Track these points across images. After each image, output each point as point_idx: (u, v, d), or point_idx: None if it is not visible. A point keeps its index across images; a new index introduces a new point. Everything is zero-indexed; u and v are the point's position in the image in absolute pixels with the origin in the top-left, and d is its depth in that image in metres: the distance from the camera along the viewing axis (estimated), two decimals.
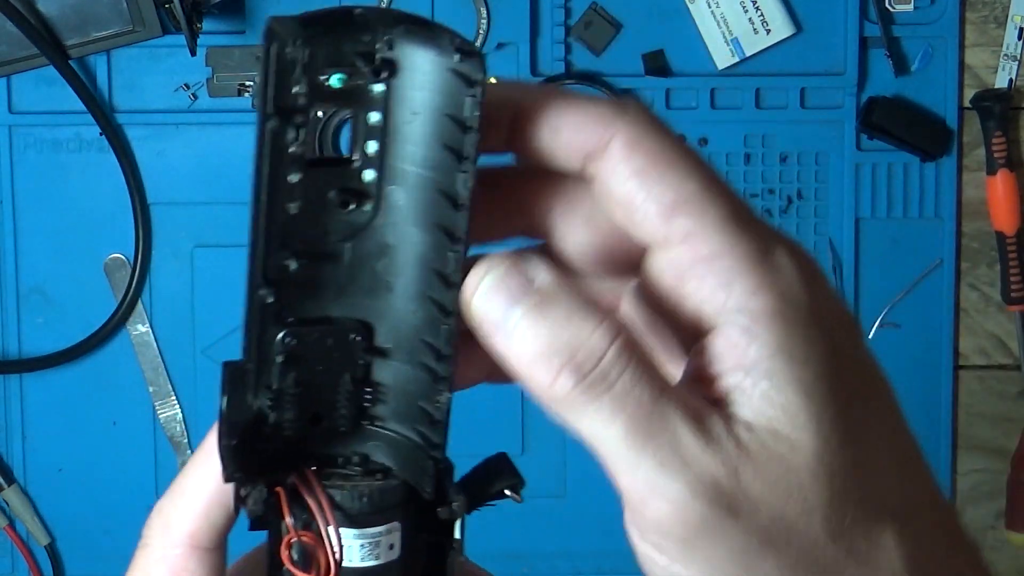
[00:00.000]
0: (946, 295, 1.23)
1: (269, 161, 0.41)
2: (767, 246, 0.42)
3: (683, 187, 0.41)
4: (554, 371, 0.40)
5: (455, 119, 0.42)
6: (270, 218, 0.42)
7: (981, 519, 1.26)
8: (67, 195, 1.21)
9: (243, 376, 0.43)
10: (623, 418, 0.40)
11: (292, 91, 0.42)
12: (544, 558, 1.16)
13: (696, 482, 0.40)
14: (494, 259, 0.42)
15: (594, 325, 0.41)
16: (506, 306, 0.41)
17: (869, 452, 0.42)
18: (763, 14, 1.18)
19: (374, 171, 0.43)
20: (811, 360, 0.41)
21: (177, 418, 1.23)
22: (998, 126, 1.21)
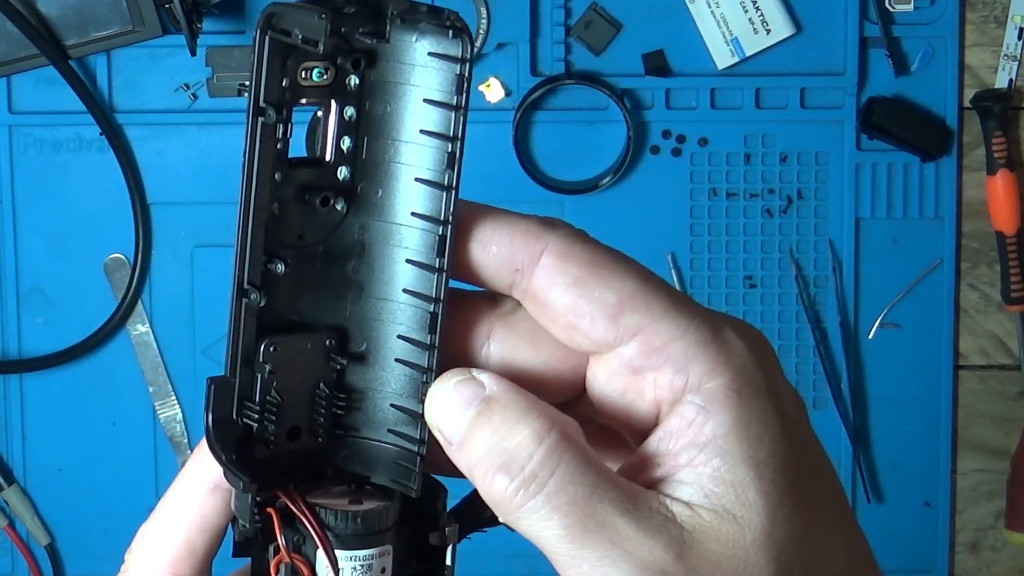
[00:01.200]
0: (946, 295, 1.23)
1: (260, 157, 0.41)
2: (716, 326, 0.43)
3: (623, 287, 0.43)
4: (490, 475, 0.41)
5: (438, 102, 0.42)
6: (258, 219, 0.42)
7: (981, 519, 1.26)
8: (67, 195, 1.21)
9: (227, 390, 0.43)
10: (558, 517, 0.40)
11: (281, 84, 0.41)
12: (544, 558, 1.16)
13: (641, 570, 0.40)
14: (448, 374, 0.43)
15: (526, 427, 0.41)
16: (454, 417, 0.42)
17: (817, 524, 0.42)
18: (763, 14, 1.18)
19: (348, 168, 0.43)
20: (764, 438, 0.42)
21: (177, 418, 1.23)
22: (998, 126, 1.21)
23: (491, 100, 1.20)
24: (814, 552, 0.42)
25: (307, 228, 0.43)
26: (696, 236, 1.22)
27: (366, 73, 0.42)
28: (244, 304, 0.42)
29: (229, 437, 0.43)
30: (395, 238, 0.43)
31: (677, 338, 0.42)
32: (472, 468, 0.42)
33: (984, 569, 1.27)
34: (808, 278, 1.23)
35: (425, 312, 0.43)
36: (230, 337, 0.42)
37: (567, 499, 0.40)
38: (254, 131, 0.41)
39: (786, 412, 0.43)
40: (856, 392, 1.24)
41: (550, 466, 0.41)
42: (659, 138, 1.21)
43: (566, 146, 1.22)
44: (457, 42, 0.42)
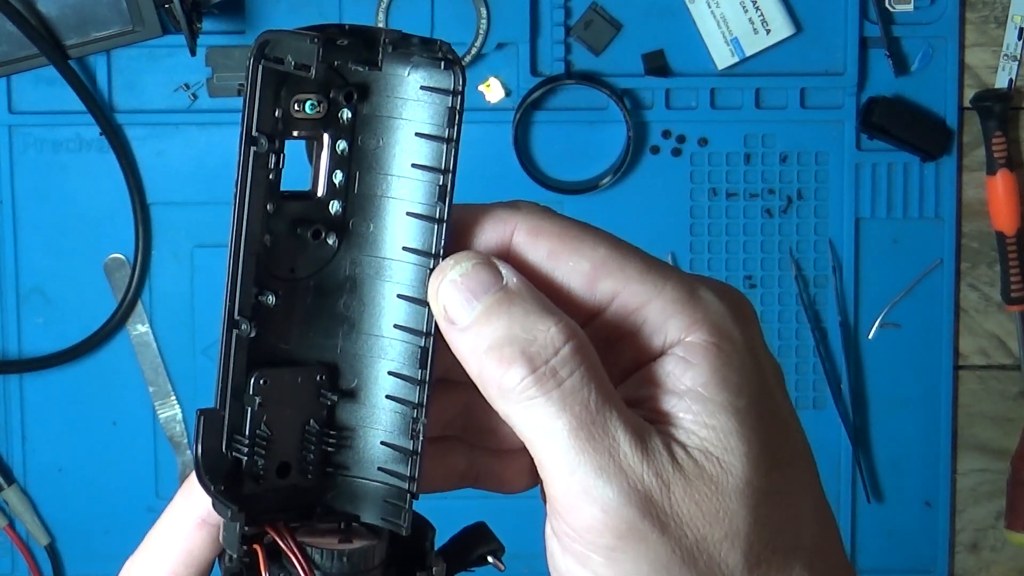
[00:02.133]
0: (946, 295, 1.23)
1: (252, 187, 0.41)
2: (691, 287, 0.43)
3: (596, 255, 0.43)
4: (506, 361, 0.41)
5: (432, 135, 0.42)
6: (249, 249, 0.42)
7: (981, 519, 1.26)
8: (67, 195, 1.21)
9: (217, 422, 0.43)
10: (568, 417, 0.41)
11: (274, 114, 0.41)
12: (544, 558, 1.16)
13: (630, 489, 0.40)
14: (466, 253, 0.42)
15: (552, 322, 0.41)
16: (469, 298, 0.42)
17: (791, 484, 0.43)
18: (763, 14, 1.18)
19: (340, 202, 0.43)
20: (744, 390, 0.42)
21: (177, 418, 1.23)
22: (998, 126, 1.20)
23: (491, 100, 1.20)
24: (788, 511, 0.42)
25: (298, 262, 0.43)
26: (696, 236, 1.22)
27: (359, 107, 0.43)
28: (235, 335, 0.42)
29: (218, 469, 0.43)
30: (386, 273, 0.43)
31: (653, 298, 0.43)
32: (480, 353, 0.41)
33: (984, 569, 1.27)
34: (808, 278, 1.23)
35: (416, 347, 0.43)
36: (220, 369, 0.42)
37: (581, 401, 0.41)
38: (246, 160, 0.41)
39: (763, 370, 0.43)
40: (856, 392, 1.24)
41: (571, 365, 0.41)
42: (659, 138, 1.21)
43: (566, 146, 1.22)
44: (449, 74, 0.42)
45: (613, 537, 0.40)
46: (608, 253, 0.43)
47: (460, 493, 0.47)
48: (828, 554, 0.44)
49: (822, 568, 0.43)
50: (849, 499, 1.24)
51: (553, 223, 0.44)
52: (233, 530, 0.42)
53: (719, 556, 0.41)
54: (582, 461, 0.40)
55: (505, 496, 0.50)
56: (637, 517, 0.40)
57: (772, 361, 0.44)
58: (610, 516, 0.40)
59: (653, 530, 0.40)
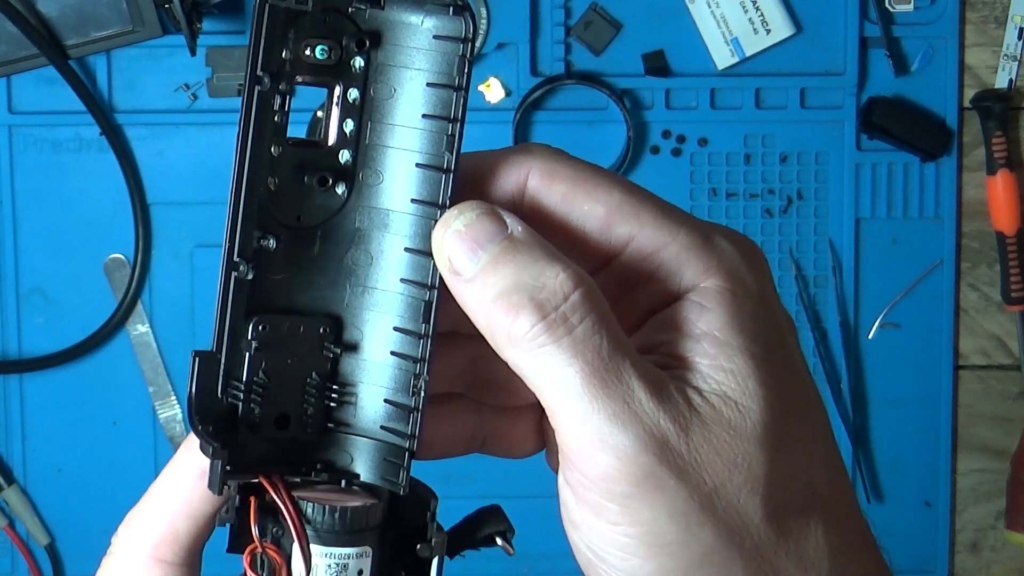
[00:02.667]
0: (946, 295, 1.23)
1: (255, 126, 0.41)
2: (706, 233, 0.43)
3: (611, 199, 0.43)
4: (515, 309, 0.40)
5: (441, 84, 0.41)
6: (251, 189, 0.41)
7: (981, 519, 1.26)
8: (67, 195, 1.21)
9: (213, 365, 0.42)
10: (580, 364, 0.40)
11: (281, 55, 0.41)
12: (544, 558, 1.16)
13: (645, 436, 0.40)
14: (469, 203, 0.42)
15: (560, 269, 0.41)
16: (474, 248, 0.41)
17: (805, 433, 0.42)
18: (763, 14, 1.18)
19: (350, 152, 0.42)
20: (760, 335, 0.42)
21: (177, 418, 1.23)
22: (998, 126, 1.20)
23: (491, 100, 1.20)
24: (803, 459, 0.42)
25: (306, 210, 0.43)
26: None
27: (371, 55, 0.42)
28: (233, 277, 0.42)
29: (210, 411, 0.42)
30: (394, 225, 0.43)
31: (668, 243, 0.42)
32: (487, 302, 0.41)
33: (984, 569, 1.27)
34: (808, 278, 1.23)
35: (420, 301, 0.42)
36: (218, 310, 0.42)
37: (592, 347, 0.40)
38: (250, 99, 0.41)
39: (777, 318, 0.43)
40: (856, 392, 1.24)
41: (582, 312, 0.40)
42: (659, 138, 1.21)
43: (566, 146, 1.19)
44: (459, 20, 0.41)
45: (629, 484, 0.40)
46: (623, 197, 0.43)
47: (464, 491, 0.47)
48: (842, 502, 0.43)
49: (837, 516, 0.42)
50: None
51: (568, 166, 0.43)
52: (216, 469, 0.42)
53: (738, 503, 0.40)
54: (596, 408, 0.40)
55: (504, 496, 0.50)
56: (654, 463, 0.40)
57: (785, 312, 0.44)
58: (625, 463, 0.39)
59: (670, 476, 0.40)
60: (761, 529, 0.41)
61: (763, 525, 0.41)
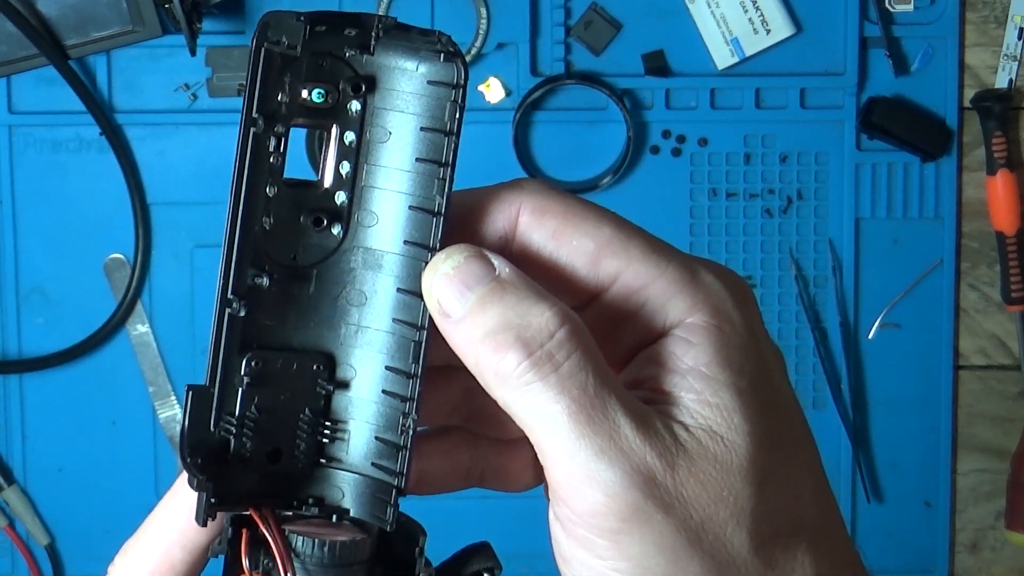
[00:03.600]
0: (946, 295, 1.23)
1: (249, 167, 0.41)
2: (692, 269, 0.44)
3: (600, 234, 0.43)
4: (502, 347, 0.41)
5: (434, 128, 0.42)
6: (246, 228, 0.42)
7: (981, 519, 1.26)
8: (67, 195, 1.21)
9: (206, 400, 0.43)
10: (567, 401, 0.40)
11: (277, 98, 0.42)
12: (544, 558, 1.16)
13: (633, 472, 0.40)
14: (458, 247, 0.43)
15: (546, 308, 0.41)
16: (462, 290, 0.42)
17: (793, 466, 0.43)
18: (763, 14, 1.18)
19: (346, 193, 0.43)
20: (745, 370, 0.42)
21: (177, 418, 1.23)
22: (998, 126, 1.20)
23: (491, 100, 1.20)
24: (790, 491, 0.42)
25: (301, 249, 0.43)
26: (696, 236, 1.22)
27: (367, 99, 0.43)
28: (227, 314, 0.42)
29: (202, 445, 0.43)
30: (387, 266, 0.43)
31: (656, 279, 0.43)
32: (475, 342, 0.41)
33: (984, 569, 1.27)
34: (808, 278, 1.23)
35: (411, 341, 0.43)
36: (211, 346, 0.42)
37: (579, 385, 0.41)
38: (245, 141, 0.42)
39: (763, 353, 0.43)
40: (856, 392, 1.24)
41: (567, 349, 0.41)
42: (659, 138, 1.21)
43: (566, 146, 1.22)
44: (450, 67, 0.42)
45: (617, 520, 0.40)
46: (612, 233, 0.44)
47: (460, 494, 0.47)
48: (831, 534, 0.44)
49: (826, 547, 0.43)
50: (849, 499, 1.24)
51: (558, 202, 0.44)
52: (201, 501, 0.42)
53: (724, 536, 0.41)
54: (583, 445, 0.40)
55: (504, 496, 0.50)
56: (640, 499, 0.40)
57: (772, 346, 0.44)
58: (613, 499, 0.40)
59: (657, 511, 0.40)
60: (748, 562, 0.41)
61: (750, 558, 0.41)
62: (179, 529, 0.45)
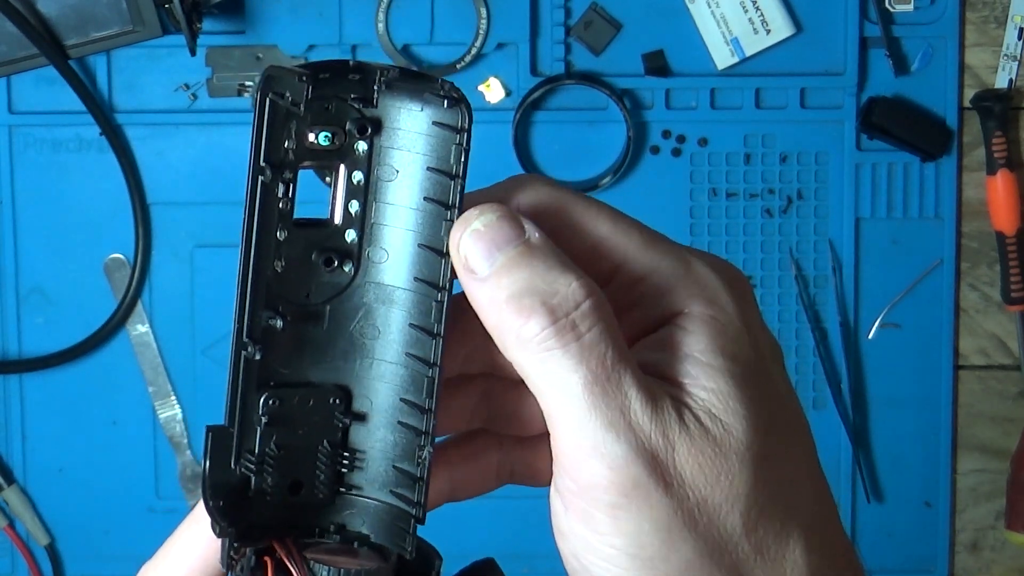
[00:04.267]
0: (946, 295, 1.23)
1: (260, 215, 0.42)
2: (686, 261, 0.44)
3: (598, 229, 0.44)
4: (527, 311, 0.41)
5: (440, 170, 0.43)
6: (258, 274, 0.43)
7: (981, 519, 1.26)
8: (67, 195, 1.21)
9: (226, 440, 0.43)
10: (584, 371, 0.41)
11: (283, 145, 0.42)
12: (544, 558, 1.16)
13: (639, 447, 0.41)
14: (490, 205, 0.43)
15: (573, 278, 0.42)
16: (491, 249, 0.42)
17: (788, 453, 0.43)
18: (763, 14, 1.18)
19: (355, 231, 0.44)
20: (739, 358, 0.43)
21: (177, 418, 1.23)
22: (998, 126, 1.21)
23: (491, 100, 1.20)
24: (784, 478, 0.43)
25: (314, 287, 0.44)
26: (696, 236, 1.22)
27: (373, 140, 0.43)
28: (243, 357, 0.43)
29: (223, 484, 0.43)
30: (398, 302, 0.44)
31: (652, 272, 0.44)
32: (499, 303, 0.42)
33: (984, 569, 1.27)
34: (808, 278, 1.23)
35: (423, 376, 0.44)
36: (229, 388, 0.43)
37: (598, 356, 0.41)
38: (253, 190, 0.42)
39: (758, 342, 0.44)
40: (856, 392, 1.24)
41: (591, 321, 0.41)
42: (659, 138, 1.21)
43: (566, 146, 1.22)
44: (456, 112, 0.42)
45: (618, 494, 0.41)
46: (610, 228, 0.44)
47: None
48: (825, 524, 0.44)
49: (819, 537, 0.43)
50: (849, 499, 1.24)
51: (556, 198, 0.45)
52: (225, 547, 0.43)
53: (719, 519, 0.41)
54: (594, 416, 0.41)
55: (505, 496, 0.50)
56: (643, 474, 0.41)
57: (769, 336, 0.45)
58: (616, 472, 0.40)
59: (657, 488, 0.41)
60: (740, 546, 0.42)
61: (742, 541, 0.42)
62: (199, 555, 0.46)
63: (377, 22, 1.18)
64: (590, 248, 0.44)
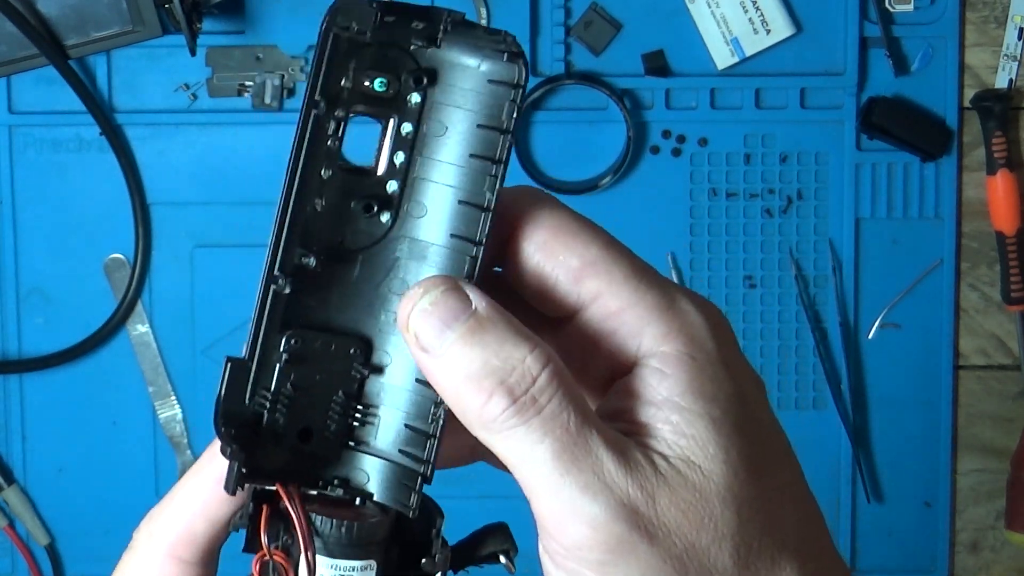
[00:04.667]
0: (946, 295, 1.23)
1: (308, 148, 0.42)
2: (671, 297, 0.44)
3: (587, 253, 0.44)
4: (486, 393, 0.41)
5: (490, 126, 0.43)
6: (298, 208, 0.43)
7: (981, 519, 1.26)
8: (67, 195, 1.21)
9: (243, 373, 0.44)
10: (550, 441, 0.41)
11: (340, 83, 0.43)
12: None
13: (616, 505, 0.41)
14: (434, 279, 0.43)
15: (527, 350, 0.42)
16: (441, 327, 0.42)
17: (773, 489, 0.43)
18: (763, 14, 1.18)
19: (397, 183, 0.44)
20: (719, 399, 0.43)
21: (177, 418, 1.23)
22: (998, 126, 1.21)
23: None
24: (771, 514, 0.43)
25: (349, 233, 0.44)
26: (696, 236, 1.22)
27: (428, 92, 0.43)
28: (272, 290, 0.43)
29: (235, 416, 0.43)
30: (431, 258, 0.44)
31: (634, 304, 0.44)
32: (456, 383, 0.42)
33: (984, 569, 1.27)
34: (808, 278, 1.23)
35: None
36: (253, 321, 0.43)
37: (561, 425, 0.41)
38: (305, 121, 0.42)
39: (738, 381, 0.44)
40: (856, 392, 1.24)
41: (550, 391, 0.41)
42: (659, 138, 1.21)
43: (566, 146, 1.22)
44: (513, 67, 0.43)
45: (603, 552, 0.41)
46: (599, 253, 0.44)
47: (463, 492, 0.47)
48: (816, 547, 0.44)
49: (813, 562, 0.44)
50: (849, 499, 1.24)
51: (551, 215, 0.45)
52: (232, 470, 0.43)
53: (708, 562, 0.42)
54: (567, 482, 0.41)
55: (505, 497, 0.50)
56: (625, 531, 0.41)
57: (750, 374, 0.45)
58: (598, 532, 0.41)
59: (642, 541, 0.41)
60: None
61: None
62: (203, 501, 0.46)
63: None
64: (575, 270, 0.44)
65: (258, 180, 1.20)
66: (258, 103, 1.20)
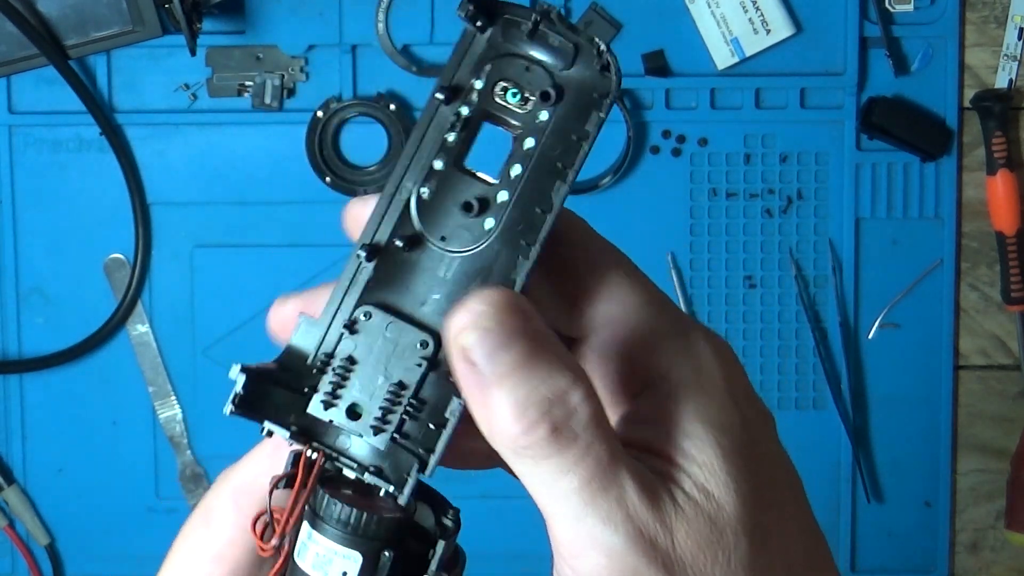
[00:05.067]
0: (946, 295, 1.23)
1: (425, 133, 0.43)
2: (684, 327, 0.45)
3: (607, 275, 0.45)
4: (528, 420, 0.41)
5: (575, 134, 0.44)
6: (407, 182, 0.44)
7: (981, 519, 1.26)
8: (67, 195, 1.21)
9: (313, 330, 0.44)
10: (580, 471, 0.41)
11: (471, 81, 0.44)
12: (544, 558, 1.16)
13: (636, 536, 0.41)
14: (495, 293, 0.42)
15: (571, 380, 0.41)
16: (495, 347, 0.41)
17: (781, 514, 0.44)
18: (763, 14, 1.18)
19: (508, 194, 0.44)
20: (728, 430, 0.43)
21: (177, 418, 1.23)
22: (998, 126, 1.21)
23: None
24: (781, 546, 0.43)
25: (452, 233, 0.44)
26: (696, 236, 1.22)
27: (555, 111, 0.44)
28: (360, 262, 0.44)
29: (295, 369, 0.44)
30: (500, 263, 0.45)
31: (649, 330, 0.44)
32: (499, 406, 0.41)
33: (984, 569, 1.27)
34: (808, 278, 1.23)
35: None
36: (336, 288, 0.44)
37: (594, 456, 0.41)
38: (428, 107, 0.44)
39: (746, 414, 0.44)
40: (856, 392, 1.24)
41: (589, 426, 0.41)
42: (659, 138, 1.21)
43: None
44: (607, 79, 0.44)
45: None
46: (620, 279, 0.45)
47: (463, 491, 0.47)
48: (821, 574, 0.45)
49: None
50: (849, 499, 1.24)
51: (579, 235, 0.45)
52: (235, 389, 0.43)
53: None
54: (589, 511, 0.41)
55: (505, 497, 0.50)
56: (642, 564, 0.41)
57: (759, 407, 0.45)
58: (615, 562, 0.41)
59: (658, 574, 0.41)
60: None
61: None
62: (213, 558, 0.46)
63: (377, 22, 1.18)
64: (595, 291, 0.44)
65: (258, 180, 1.20)
66: (258, 103, 1.20)
